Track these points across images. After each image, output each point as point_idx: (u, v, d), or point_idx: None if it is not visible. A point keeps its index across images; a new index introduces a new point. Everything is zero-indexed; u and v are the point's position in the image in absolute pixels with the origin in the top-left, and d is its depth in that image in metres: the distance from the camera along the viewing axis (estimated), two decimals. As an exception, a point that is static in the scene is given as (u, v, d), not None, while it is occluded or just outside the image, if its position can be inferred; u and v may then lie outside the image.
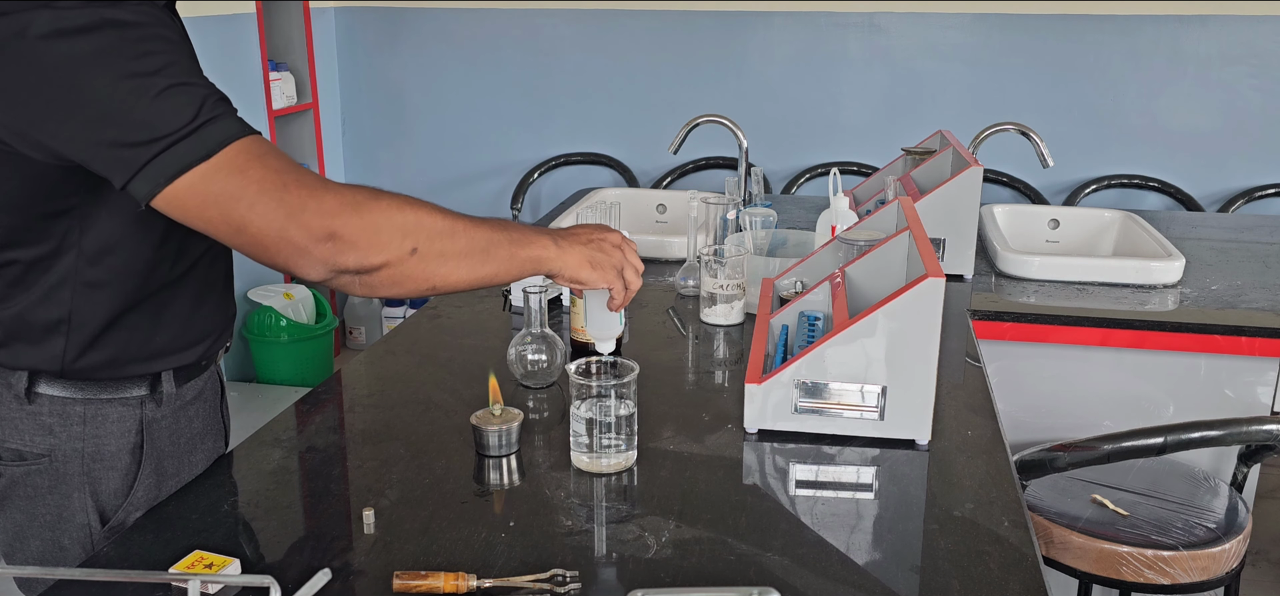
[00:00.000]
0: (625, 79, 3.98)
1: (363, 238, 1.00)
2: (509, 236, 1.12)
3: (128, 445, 1.19)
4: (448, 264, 1.06)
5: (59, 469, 1.17)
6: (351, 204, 1.00)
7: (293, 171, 0.99)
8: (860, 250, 1.52)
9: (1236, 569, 1.70)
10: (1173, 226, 2.63)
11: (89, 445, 1.17)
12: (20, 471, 1.17)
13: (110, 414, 1.18)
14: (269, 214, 0.96)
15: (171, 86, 0.95)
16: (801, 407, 1.32)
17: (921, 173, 2.26)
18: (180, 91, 0.95)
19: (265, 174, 0.97)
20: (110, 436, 1.18)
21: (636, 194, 2.80)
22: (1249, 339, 1.89)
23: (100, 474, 1.18)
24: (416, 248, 1.03)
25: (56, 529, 1.19)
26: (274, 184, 0.97)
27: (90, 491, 1.18)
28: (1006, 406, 1.74)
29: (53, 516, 1.18)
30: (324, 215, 0.98)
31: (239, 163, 0.96)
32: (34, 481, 1.17)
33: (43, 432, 1.16)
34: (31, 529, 1.19)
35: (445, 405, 1.43)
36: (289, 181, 0.97)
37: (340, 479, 1.25)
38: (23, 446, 1.16)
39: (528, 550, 1.06)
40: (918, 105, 3.75)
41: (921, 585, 1.02)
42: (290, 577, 0.98)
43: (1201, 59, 3.53)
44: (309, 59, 3.97)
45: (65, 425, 1.16)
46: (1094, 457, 1.67)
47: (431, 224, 1.05)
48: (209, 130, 0.95)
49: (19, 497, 1.18)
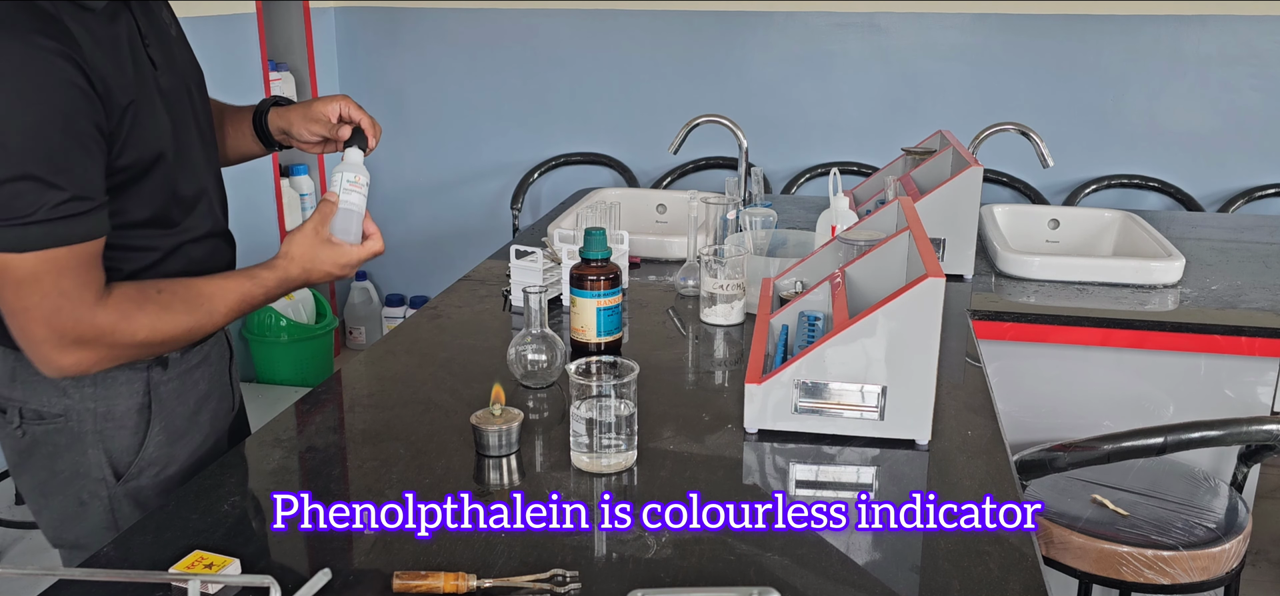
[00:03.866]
0: (625, 79, 3.98)
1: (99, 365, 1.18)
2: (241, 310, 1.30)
3: (135, 405, 1.29)
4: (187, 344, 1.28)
5: (74, 428, 1.27)
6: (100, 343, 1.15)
7: (69, 294, 1.11)
8: (860, 250, 1.52)
9: (1236, 569, 1.70)
10: (1173, 226, 2.63)
11: (100, 405, 1.27)
12: (40, 430, 1.27)
13: (119, 377, 1.27)
14: (25, 320, 1.12)
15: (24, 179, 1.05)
16: (801, 408, 1.32)
17: (921, 173, 2.26)
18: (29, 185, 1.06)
19: (51, 286, 1.10)
20: (119, 397, 1.28)
21: (636, 194, 2.80)
22: (1249, 339, 1.89)
23: (111, 432, 1.28)
24: (154, 352, 1.24)
25: (75, 483, 1.29)
26: (44, 300, 1.10)
27: (103, 448, 1.28)
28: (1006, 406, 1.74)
29: (71, 472, 1.29)
30: (67, 346, 1.14)
31: (31, 268, 1.08)
32: (53, 439, 1.27)
33: (58, 394, 1.26)
34: (53, 485, 1.30)
35: (445, 405, 1.43)
36: (61, 303, 1.11)
37: (340, 479, 1.25)
38: (41, 407, 1.26)
39: (528, 550, 1.06)
40: (918, 105, 3.75)
41: (921, 585, 1.02)
42: (290, 577, 0.98)
43: (1201, 59, 3.53)
44: (309, 59, 3.97)
45: (78, 387, 1.26)
46: (1094, 457, 1.67)
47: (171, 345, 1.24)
48: (28, 232, 1.07)
49: (41, 455, 1.28)
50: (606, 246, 1.54)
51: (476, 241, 4.15)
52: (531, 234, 2.47)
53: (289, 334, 3.67)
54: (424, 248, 4.32)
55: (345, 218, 1.36)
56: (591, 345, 1.56)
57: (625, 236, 1.93)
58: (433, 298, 1.96)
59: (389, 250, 4.39)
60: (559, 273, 1.88)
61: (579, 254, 1.56)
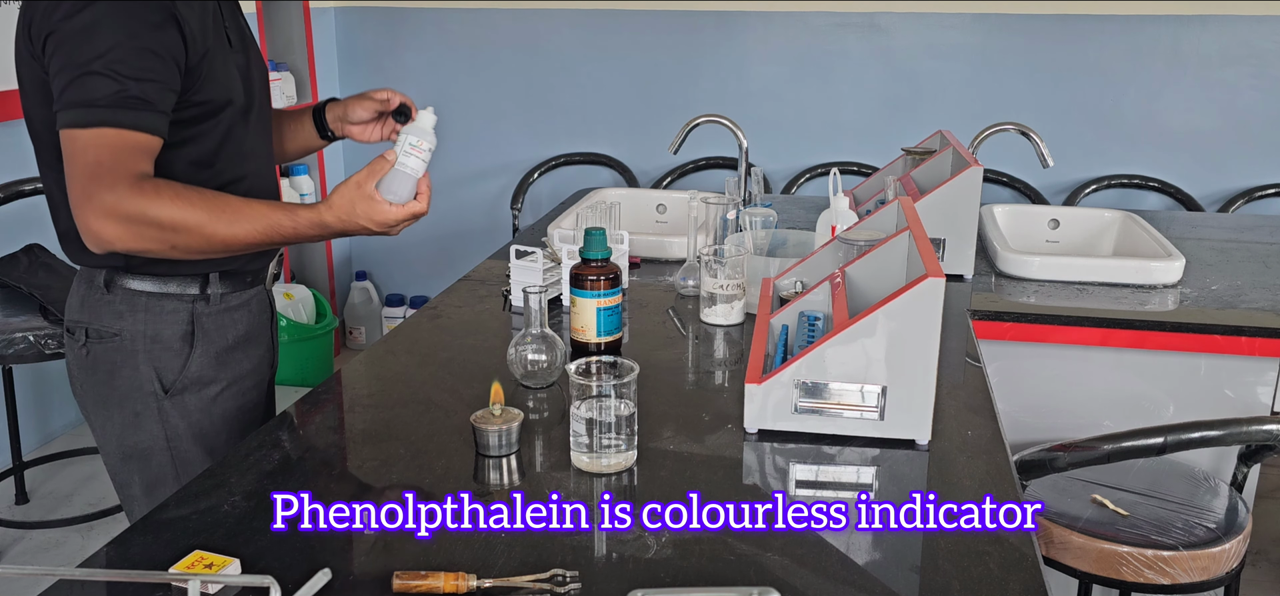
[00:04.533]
0: (625, 79, 3.98)
1: (124, 240, 1.30)
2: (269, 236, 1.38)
3: (180, 332, 1.48)
4: (208, 250, 1.37)
5: (128, 346, 1.47)
6: (124, 216, 1.28)
7: (110, 168, 1.27)
8: (860, 250, 1.52)
9: (1236, 569, 1.70)
10: (1173, 226, 2.63)
11: (150, 328, 1.47)
12: (101, 349, 1.47)
13: (166, 305, 1.47)
14: (75, 187, 1.29)
15: (101, 74, 1.27)
16: (801, 408, 1.32)
17: (921, 173, 2.26)
18: (102, 79, 1.27)
19: (96, 159, 1.28)
20: (166, 324, 1.47)
21: (636, 194, 2.80)
22: (1249, 339, 1.89)
23: (159, 352, 1.48)
24: (174, 246, 1.33)
25: (130, 397, 1.48)
26: (90, 169, 1.28)
27: (153, 366, 1.47)
28: (1006, 406, 1.74)
29: (127, 386, 1.48)
30: (101, 214, 1.28)
31: (95, 142, 1.28)
32: (111, 356, 1.47)
33: (114, 316, 1.46)
34: (113, 398, 1.49)
35: (445, 405, 1.43)
36: (102, 173, 1.27)
37: (340, 479, 1.25)
38: (102, 327, 1.47)
39: (528, 550, 1.06)
40: (918, 105, 3.75)
41: (921, 585, 1.02)
42: (290, 577, 0.98)
43: (1201, 59, 3.53)
44: (309, 59, 3.97)
45: (132, 311, 1.46)
46: (1094, 457, 1.67)
47: (189, 239, 1.33)
48: (95, 111, 1.27)
49: (101, 370, 1.48)
50: (606, 246, 1.54)
51: (476, 241, 4.16)
52: (531, 234, 2.47)
53: (289, 334, 3.67)
54: (424, 247, 4.32)
55: (397, 178, 1.41)
56: (591, 345, 1.56)
57: (625, 236, 1.93)
58: (433, 298, 1.96)
59: (389, 250, 4.40)
60: (559, 272, 1.88)
61: (579, 254, 1.56)
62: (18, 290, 2.69)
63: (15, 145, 2.94)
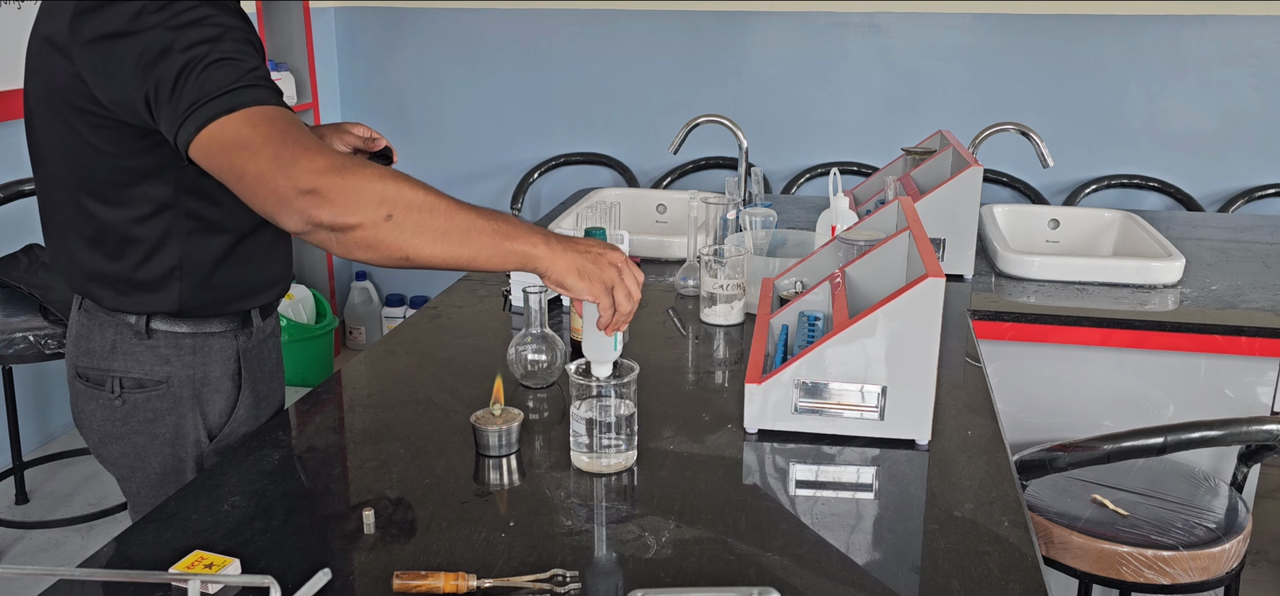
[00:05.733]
0: (625, 79, 3.98)
1: (341, 197, 1.06)
2: (496, 227, 1.14)
3: (229, 371, 1.40)
4: (422, 237, 1.10)
5: (175, 393, 1.36)
6: (337, 167, 1.06)
7: (294, 132, 1.08)
8: (860, 250, 1.52)
9: (1236, 569, 1.70)
10: (1173, 226, 2.63)
11: (198, 372, 1.37)
12: (141, 397, 1.35)
13: (213, 344, 1.38)
14: (263, 163, 1.06)
15: (220, 61, 1.10)
16: (801, 408, 1.32)
17: (921, 173, 2.26)
18: (224, 65, 1.10)
19: (270, 131, 1.07)
20: (215, 364, 1.38)
21: (636, 194, 2.80)
22: (1249, 339, 1.89)
23: (208, 396, 1.39)
24: (391, 215, 1.08)
25: (175, 445, 1.38)
26: (274, 138, 1.07)
27: (200, 412, 1.38)
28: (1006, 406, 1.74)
29: (171, 434, 1.37)
30: (310, 173, 1.05)
31: (253, 119, 1.08)
32: (154, 405, 1.36)
33: (160, 362, 1.35)
34: (152, 448, 1.38)
35: (445, 405, 1.43)
36: (290, 139, 1.07)
37: (340, 479, 1.25)
38: (143, 375, 1.35)
39: (528, 550, 1.06)
40: (918, 105, 3.75)
41: (921, 585, 1.02)
42: (290, 577, 0.98)
43: (1201, 59, 3.53)
44: (309, 59, 3.97)
45: (179, 355, 1.35)
46: (1094, 457, 1.67)
47: (411, 198, 1.09)
48: (238, 95, 1.09)
49: (139, 420, 1.36)
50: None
51: (476, 241, 4.15)
52: (531, 234, 2.46)
53: (289, 334, 3.67)
54: (424, 248, 4.32)
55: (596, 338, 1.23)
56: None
57: (625, 236, 1.93)
58: (433, 298, 1.96)
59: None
60: (559, 273, 1.88)
61: (579, 254, 1.56)
62: (18, 290, 2.69)
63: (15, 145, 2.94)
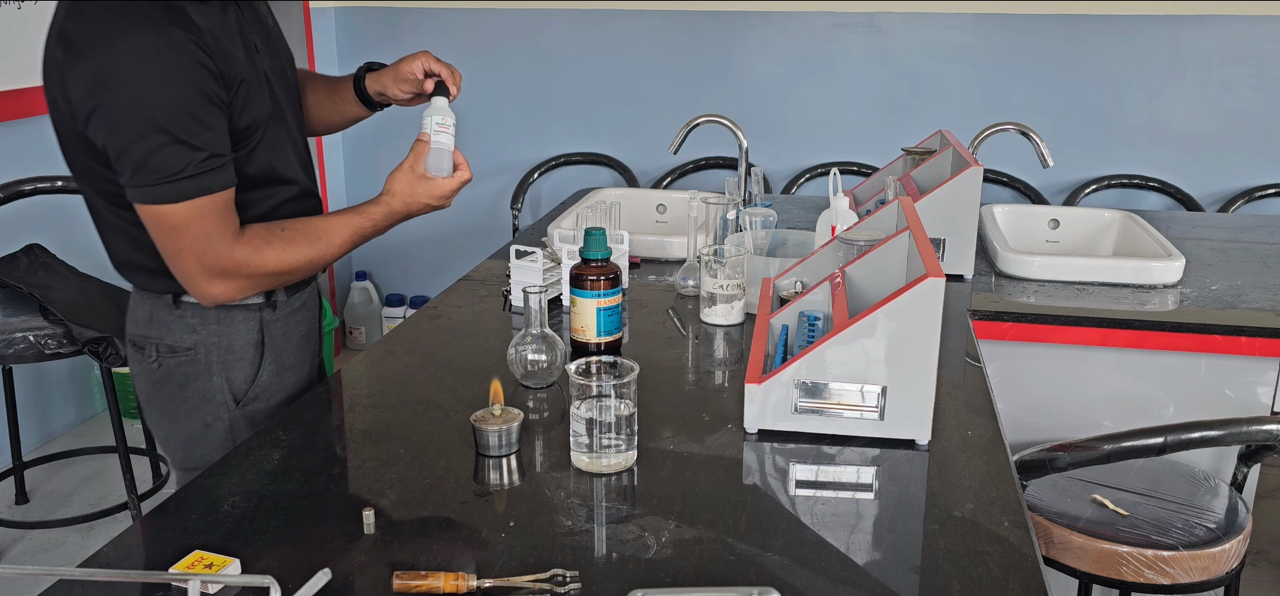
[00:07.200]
0: (625, 79, 3.98)
1: (243, 294, 1.44)
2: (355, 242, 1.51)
3: (252, 341, 1.52)
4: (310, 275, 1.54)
5: (201, 359, 1.50)
6: (242, 275, 1.40)
7: (215, 235, 1.35)
8: (860, 250, 1.52)
9: (1236, 569, 1.70)
10: (1173, 226, 2.63)
11: (222, 340, 1.50)
12: (174, 362, 1.50)
13: (237, 316, 1.51)
14: (184, 261, 1.37)
15: (172, 143, 1.29)
16: (801, 408, 1.32)
17: (921, 173, 2.26)
18: (176, 149, 1.30)
19: (201, 230, 1.34)
20: (238, 334, 1.51)
21: (636, 194, 2.80)
22: (1249, 339, 1.89)
23: (232, 363, 1.51)
24: (285, 283, 1.49)
25: (201, 408, 1.51)
26: (197, 242, 1.35)
27: (225, 377, 1.51)
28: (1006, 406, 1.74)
29: (198, 398, 1.51)
30: (216, 279, 1.38)
31: (184, 216, 1.33)
32: (184, 370, 1.50)
33: (188, 331, 1.49)
34: (182, 410, 1.52)
35: (445, 405, 1.43)
36: (209, 244, 1.35)
37: (340, 479, 1.25)
38: (175, 342, 1.50)
39: (528, 550, 1.06)
40: (918, 105, 3.74)
41: (921, 585, 1.02)
42: (290, 577, 0.98)
43: (1201, 59, 3.53)
44: (309, 59, 3.97)
45: (204, 325, 1.49)
46: (1094, 457, 1.67)
47: (297, 274, 1.48)
48: (182, 185, 1.30)
49: (172, 383, 1.51)
50: (606, 246, 1.54)
51: (476, 241, 4.15)
52: (531, 234, 2.47)
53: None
54: (424, 247, 4.32)
55: (437, 155, 1.55)
56: (591, 345, 1.56)
57: (625, 236, 1.93)
58: (433, 298, 1.96)
59: (389, 250, 4.40)
60: (559, 273, 1.88)
61: (579, 254, 1.56)
62: (18, 290, 2.69)
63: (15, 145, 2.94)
